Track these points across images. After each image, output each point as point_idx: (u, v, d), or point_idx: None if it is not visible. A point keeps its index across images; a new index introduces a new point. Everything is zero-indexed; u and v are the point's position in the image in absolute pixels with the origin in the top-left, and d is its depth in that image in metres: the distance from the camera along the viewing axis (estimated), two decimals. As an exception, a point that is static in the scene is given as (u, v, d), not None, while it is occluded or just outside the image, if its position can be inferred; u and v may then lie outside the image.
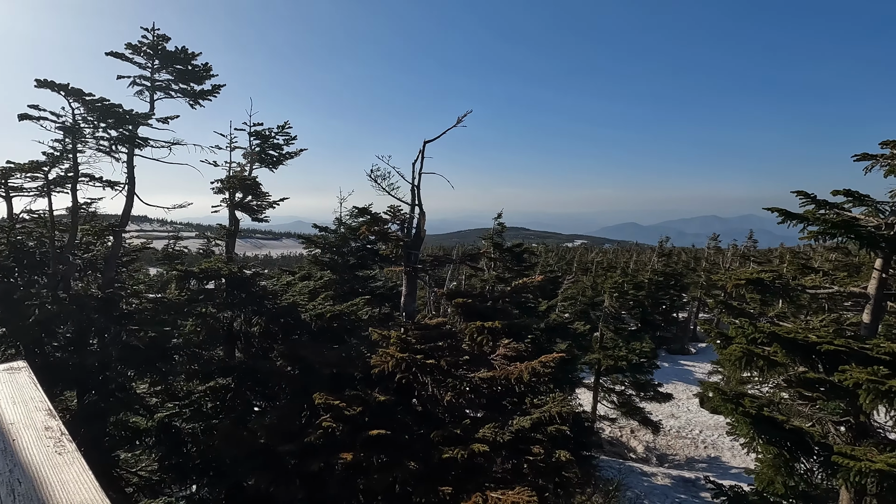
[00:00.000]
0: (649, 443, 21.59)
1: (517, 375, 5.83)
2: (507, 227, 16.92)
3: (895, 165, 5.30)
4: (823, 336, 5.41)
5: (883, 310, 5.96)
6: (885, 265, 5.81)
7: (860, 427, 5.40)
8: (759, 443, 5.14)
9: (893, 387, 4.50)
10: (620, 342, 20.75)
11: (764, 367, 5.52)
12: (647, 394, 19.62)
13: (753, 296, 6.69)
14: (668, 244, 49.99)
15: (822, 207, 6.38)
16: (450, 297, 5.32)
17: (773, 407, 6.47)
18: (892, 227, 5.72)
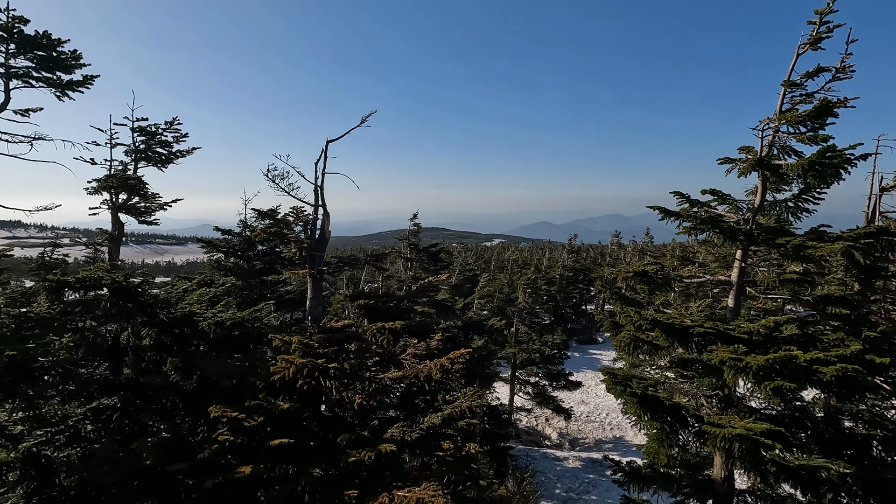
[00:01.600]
0: (562, 429, 22.85)
1: (426, 373, 5.90)
2: (429, 227, 17.08)
3: (746, 168, 6.07)
4: (696, 320, 6.05)
5: (744, 294, 6.80)
6: (744, 255, 6.63)
7: (727, 399, 6.13)
8: (645, 420, 5.66)
9: (749, 363, 5.15)
10: (534, 336, 21.75)
11: (648, 350, 6.08)
12: (559, 383, 20.74)
13: (642, 286, 7.31)
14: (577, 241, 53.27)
15: (694, 206, 7.14)
16: (353, 298, 5.24)
17: (659, 387, 7.14)
18: (748, 222, 6.55)
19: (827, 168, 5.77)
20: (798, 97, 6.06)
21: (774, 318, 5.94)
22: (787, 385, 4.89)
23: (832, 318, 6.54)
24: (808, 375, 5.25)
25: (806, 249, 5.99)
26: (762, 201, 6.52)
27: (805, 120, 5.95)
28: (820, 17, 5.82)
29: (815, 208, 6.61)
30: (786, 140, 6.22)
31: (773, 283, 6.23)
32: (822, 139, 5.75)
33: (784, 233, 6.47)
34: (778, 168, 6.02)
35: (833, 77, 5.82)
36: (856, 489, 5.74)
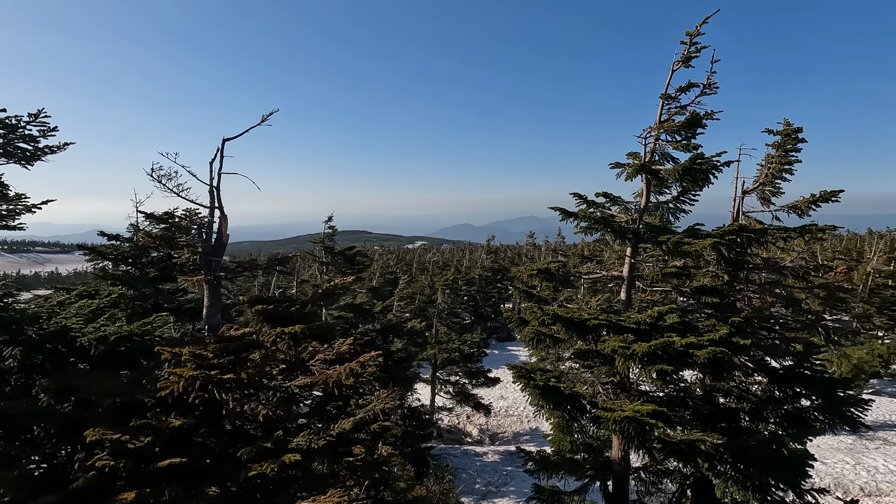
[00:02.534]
0: (483, 425, 23.46)
1: (336, 378, 5.78)
2: (350, 230, 16.71)
3: (632, 172, 6.65)
4: (592, 313, 6.51)
5: (634, 288, 7.42)
6: (634, 252, 7.24)
7: (620, 384, 6.66)
8: (548, 409, 5.98)
9: (636, 350, 5.63)
10: (454, 336, 22.11)
11: (551, 343, 6.43)
12: (478, 381, 21.26)
13: (547, 283, 7.72)
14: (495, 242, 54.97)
15: (591, 207, 7.68)
16: (251, 303, 4.99)
17: (563, 377, 7.57)
18: (636, 221, 7.16)
19: (698, 173, 6.47)
20: (674, 109, 6.75)
21: (659, 308, 6.55)
22: (666, 368, 5.42)
23: (706, 306, 7.35)
24: (684, 358, 5.85)
25: (683, 246, 6.68)
26: (647, 203, 7.17)
27: (680, 130, 6.64)
28: (690, 38, 6.53)
29: (690, 209, 7.38)
30: (665, 147, 6.90)
31: (658, 277, 6.86)
32: (693, 147, 6.46)
33: (666, 231, 7.16)
34: (658, 172, 6.66)
35: (701, 92, 6.55)
36: (726, 457, 6.48)
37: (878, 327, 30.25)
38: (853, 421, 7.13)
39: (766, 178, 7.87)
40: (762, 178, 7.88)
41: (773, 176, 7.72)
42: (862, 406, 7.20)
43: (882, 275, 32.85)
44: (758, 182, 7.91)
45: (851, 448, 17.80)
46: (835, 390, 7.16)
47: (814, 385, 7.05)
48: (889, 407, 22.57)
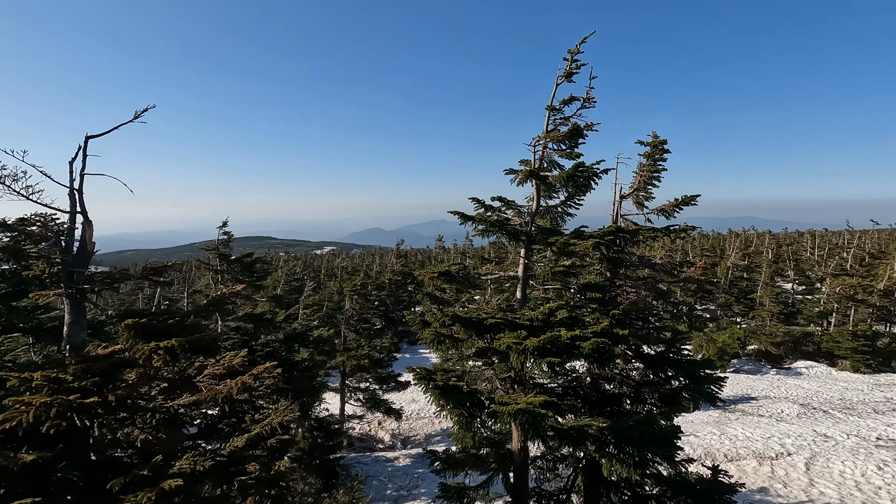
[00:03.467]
0: (395, 430, 23.34)
1: (226, 394, 5.43)
2: (253, 236, 15.67)
3: (522, 178, 7.08)
4: (490, 313, 6.79)
5: (528, 286, 7.86)
6: (528, 253, 7.68)
7: (516, 379, 7.02)
8: (448, 408, 6.14)
9: (528, 345, 5.97)
10: (363, 342, 21.78)
11: (450, 344, 6.61)
12: (388, 386, 21.12)
13: (450, 286, 7.92)
14: (406, 246, 55.06)
15: (488, 210, 8.01)
16: (121, 317, 4.52)
17: (466, 376, 7.81)
18: (528, 224, 7.60)
19: (580, 179, 7.04)
20: (559, 120, 7.30)
21: (550, 305, 7.01)
22: (554, 360, 5.82)
23: (591, 301, 8.00)
24: (571, 350, 6.33)
25: (570, 246, 7.22)
26: (538, 206, 7.65)
27: (564, 139, 7.19)
28: (571, 55, 7.10)
29: (576, 212, 8.00)
30: (552, 155, 7.42)
31: (548, 276, 7.34)
32: (575, 156, 7.02)
33: (556, 233, 7.69)
34: (546, 178, 7.15)
35: (582, 105, 7.15)
36: (610, 438, 7.10)
37: (736, 314, 34.98)
38: (712, 396, 8.18)
39: (640, 184, 8.76)
40: (636, 185, 8.77)
41: (645, 182, 8.63)
42: (719, 383, 8.27)
43: (738, 268, 38.11)
44: (633, 188, 8.79)
45: (718, 421, 20.33)
46: (698, 371, 8.15)
47: (681, 367, 7.98)
48: (746, 382, 26.12)
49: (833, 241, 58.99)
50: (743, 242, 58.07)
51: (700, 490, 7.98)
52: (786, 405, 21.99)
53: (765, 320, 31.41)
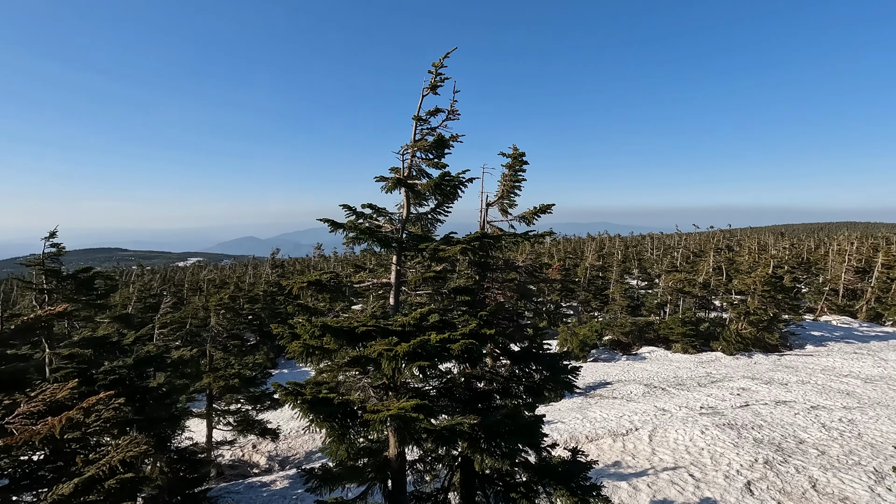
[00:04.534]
0: (272, 452, 21.90)
1: (46, 434, 4.64)
2: (99, 247, 13.43)
3: (391, 186, 7.18)
4: (361, 320, 6.73)
5: (401, 293, 7.96)
6: (399, 259, 7.78)
7: (390, 385, 7.06)
8: (318, 422, 5.95)
9: (398, 350, 6.04)
10: (233, 360, 20.11)
11: (321, 355, 6.42)
12: (263, 405, 19.78)
13: (324, 295, 7.69)
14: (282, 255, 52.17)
15: (360, 218, 7.96)
16: None
17: (340, 387, 7.62)
18: (399, 231, 7.71)
19: (447, 188, 7.35)
20: (426, 130, 7.54)
21: (421, 310, 7.17)
22: (423, 364, 5.97)
23: (462, 304, 8.36)
24: (441, 353, 6.55)
25: (439, 252, 7.48)
26: (409, 214, 7.80)
27: (431, 149, 7.44)
28: (435, 69, 7.40)
29: (445, 219, 8.32)
30: (420, 164, 7.64)
31: (419, 281, 7.52)
32: (441, 165, 7.32)
33: (426, 239, 7.90)
34: (415, 187, 7.33)
35: (447, 117, 7.48)
36: (481, 434, 7.49)
37: (594, 309, 39.19)
38: (569, 385, 9.05)
39: (504, 193, 9.43)
40: (500, 193, 9.42)
41: (508, 191, 9.31)
42: (575, 373, 9.18)
43: (595, 268, 42.83)
44: (498, 196, 9.42)
45: (581, 406, 22.51)
46: (557, 363, 8.96)
47: (542, 361, 8.70)
48: (603, 369, 29.33)
49: (667, 242, 69.15)
50: (598, 245, 65.39)
51: (562, 472, 8.75)
52: (634, 386, 25.13)
53: (616, 313, 35.65)
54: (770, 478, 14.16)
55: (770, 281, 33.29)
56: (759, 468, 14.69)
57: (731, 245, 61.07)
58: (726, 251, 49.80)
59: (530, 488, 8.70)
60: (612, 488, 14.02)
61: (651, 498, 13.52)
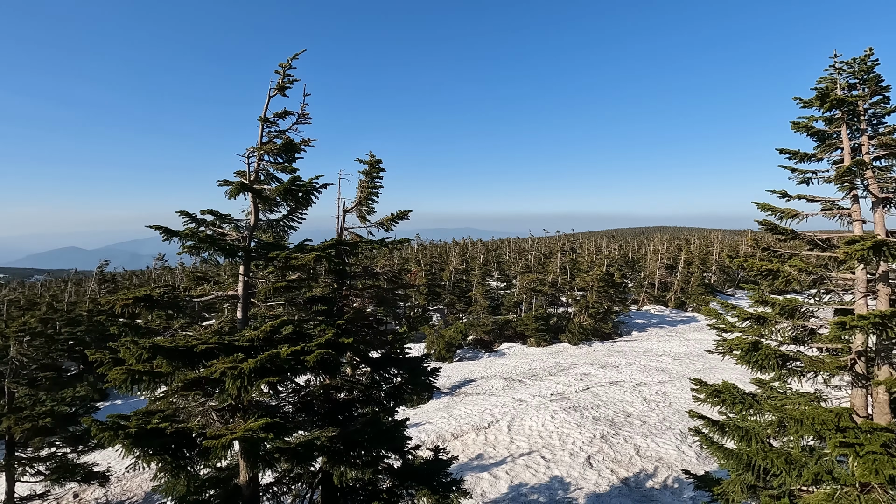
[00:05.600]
0: (100, 499, 18.72)
1: None
2: None
3: (234, 191, 6.69)
4: (201, 338, 6.12)
5: (250, 305, 7.43)
6: (246, 269, 7.26)
7: (237, 406, 6.54)
8: (146, 457, 5.25)
9: (244, 368, 5.62)
10: (44, 395, 16.74)
11: (150, 381, 5.68)
12: (87, 445, 16.79)
13: (158, 312, 6.79)
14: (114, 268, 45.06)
15: (200, 225, 7.24)
16: None
17: (179, 413, 6.81)
18: (246, 239, 7.20)
19: (298, 193, 7.07)
20: (274, 132, 7.17)
21: (272, 322, 6.77)
22: (274, 379, 5.65)
23: (319, 314, 8.10)
24: (295, 366, 6.26)
25: (292, 260, 7.15)
26: (257, 220, 7.33)
27: (280, 152, 7.10)
28: (283, 70, 7.08)
29: (299, 226, 7.99)
30: (268, 168, 7.24)
31: (270, 292, 7.10)
32: (291, 170, 7.02)
33: (278, 247, 7.50)
34: (262, 192, 6.92)
35: (297, 120, 7.21)
36: (340, 446, 7.32)
37: (459, 310, 41.03)
38: (430, 386, 9.32)
39: (361, 199, 9.37)
40: (358, 199, 9.35)
41: (366, 197, 9.28)
42: (435, 374, 9.47)
43: (459, 272, 44.90)
44: (355, 203, 9.33)
45: (447, 405, 23.31)
46: (418, 366, 9.16)
47: (403, 365, 8.83)
48: (468, 368, 30.80)
49: (523, 246, 75.34)
50: (462, 249, 68.72)
51: (424, 472, 8.96)
52: (495, 381, 26.84)
53: (479, 313, 37.77)
54: (605, 450, 16.22)
55: (604, 278, 38.30)
56: (597, 443, 16.73)
57: (575, 247, 68.93)
58: (570, 253, 56.08)
59: (393, 493, 8.74)
60: (474, 480, 14.76)
61: (509, 483, 14.53)
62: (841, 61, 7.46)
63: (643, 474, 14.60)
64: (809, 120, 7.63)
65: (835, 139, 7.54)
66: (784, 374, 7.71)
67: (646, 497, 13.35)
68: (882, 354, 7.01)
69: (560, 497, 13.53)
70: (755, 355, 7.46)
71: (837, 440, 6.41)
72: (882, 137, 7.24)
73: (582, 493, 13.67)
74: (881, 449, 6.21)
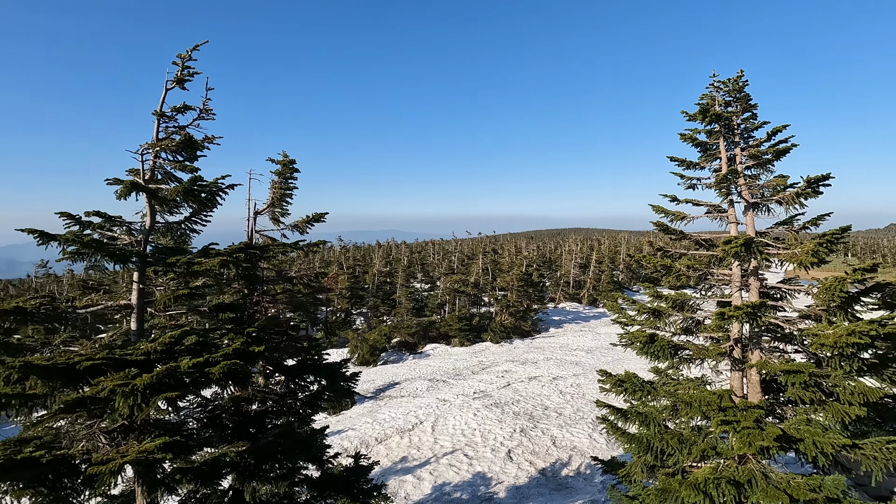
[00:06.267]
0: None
1: None
2: None
3: (124, 191, 6.10)
4: (87, 353, 5.52)
5: (145, 315, 6.82)
6: (141, 276, 6.65)
7: (131, 426, 5.96)
8: (16, 491, 4.62)
9: (137, 384, 5.14)
10: None
11: (21, 406, 5.01)
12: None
13: (35, 327, 6.00)
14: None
15: (86, 227, 6.53)
16: None
17: (64, 438, 6.07)
18: (140, 244, 6.60)
19: (202, 194, 6.61)
20: (172, 128, 6.65)
21: (172, 333, 6.26)
22: (172, 394, 5.22)
23: (227, 322, 7.63)
24: (198, 379, 5.83)
25: (194, 265, 6.67)
26: (153, 223, 6.74)
27: (180, 150, 6.59)
28: (182, 61, 6.59)
29: (202, 229, 7.47)
30: (166, 167, 6.69)
31: (170, 301, 6.56)
32: (192, 169, 6.55)
33: (178, 252, 6.95)
34: (158, 192, 6.38)
35: (199, 116, 6.73)
36: (250, 460, 6.94)
37: (383, 313, 40.64)
38: (349, 391, 9.12)
39: (275, 200, 8.97)
40: (271, 201, 8.94)
41: (279, 199, 8.90)
42: (355, 379, 9.28)
43: (383, 274, 44.48)
44: (268, 204, 8.91)
45: (371, 410, 22.96)
46: (336, 371, 8.93)
47: (320, 371, 8.56)
48: (392, 371, 30.57)
49: (446, 247, 76.29)
50: (386, 252, 68.16)
51: (344, 480, 8.74)
52: (420, 383, 26.89)
53: (403, 316, 37.67)
54: (524, 443, 16.84)
55: (523, 278, 39.83)
56: (516, 437, 17.33)
57: (496, 248, 70.99)
58: (492, 254, 57.69)
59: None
60: (398, 483, 14.68)
61: (433, 484, 14.62)
62: (718, 80, 8.36)
63: (559, 463, 15.36)
64: (694, 132, 8.48)
65: (714, 150, 8.44)
66: (676, 362, 8.48)
67: (561, 485, 14.05)
68: (754, 341, 7.95)
69: (482, 492, 13.85)
70: (652, 346, 8.13)
71: (720, 419, 7.15)
72: (752, 149, 8.21)
73: (503, 487, 14.09)
74: (754, 424, 7.03)
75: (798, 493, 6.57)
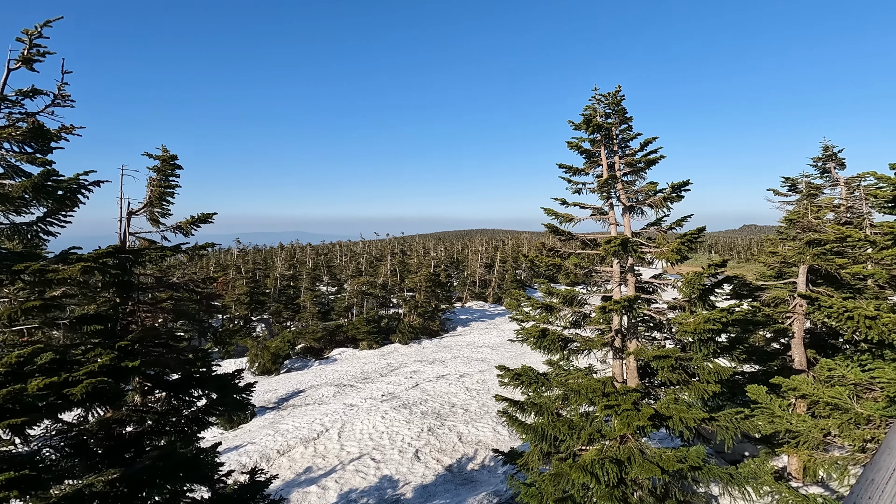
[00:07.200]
0: None
1: None
2: None
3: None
4: None
5: (-14, 333, 5.83)
6: (-21, 287, 5.67)
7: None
8: None
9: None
10: None
11: None
12: None
13: None
14: None
15: None
16: None
17: None
18: (-23, 248, 5.62)
19: (56, 191, 5.80)
20: (17, 115, 5.75)
21: (23, 350, 5.42)
22: (16, 421, 4.52)
23: (94, 335, 6.78)
24: (56, 402, 5.11)
25: (49, 273, 5.83)
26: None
27: (28, 140, 5.73)
28: (29, 38, 5.73)
29: (60, 231, 6.56)
30: (10, 158, 5.77)
31: (17, 314, 5.68)
32: (45, 162, 5.73)
33: (28, 257, 6.04)
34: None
35: (53, 102, 5.90)
36: (124, 489, 6.22)
37: (286, 319, 38.79)
38: (242, 403, 8.54)
39: (153, 200, 8.13)
40: (149, 200, 8.09)
41: (158, 198, 8.08)
42: (249, 390, 8.72)
43: (285, 278, 42.44)
44: (144, 204, 8.05)
45: (273, 421, 21.79)
46: (227, 383, 8.31)
47: (208, 385, 7.92)
48: (296, 378, 29.28)
49: (354, 249, 74.79)
50: (289, 254, 65.13)
51: (238, 498, 8.19)
52: (326, 389, 26.05)
53: (308, 320, 36.27)
54: (432, 442, 17.03)
55: (431, 278, 40.30)
56: (424, 436, 17.46)
57: (405, 250, 71.11)
58: (400, 255, 57.66)
59: (200, 529, 7.79)
60: (301, 496, 14.08)
61: (339, 492, 14.23)
62: (600, 94, 9.12)
63: (465, 458, 15.74)
64: (579, 140, 9.17)
65: (597, 157, 9.19)
66: (567, 354, 9.09)
67: (467, 479, 14.41)
68: (632, 331, 8.78)
69: (389, 495, 13.76)
70: (544, 340, 8.64)
71: (604, 403, 7.80)
72: (628, 158, 9.07)
73: (410, 487, 14.12)
74: (632, 406, 7.76)
75: (668, 465, 7.37)
